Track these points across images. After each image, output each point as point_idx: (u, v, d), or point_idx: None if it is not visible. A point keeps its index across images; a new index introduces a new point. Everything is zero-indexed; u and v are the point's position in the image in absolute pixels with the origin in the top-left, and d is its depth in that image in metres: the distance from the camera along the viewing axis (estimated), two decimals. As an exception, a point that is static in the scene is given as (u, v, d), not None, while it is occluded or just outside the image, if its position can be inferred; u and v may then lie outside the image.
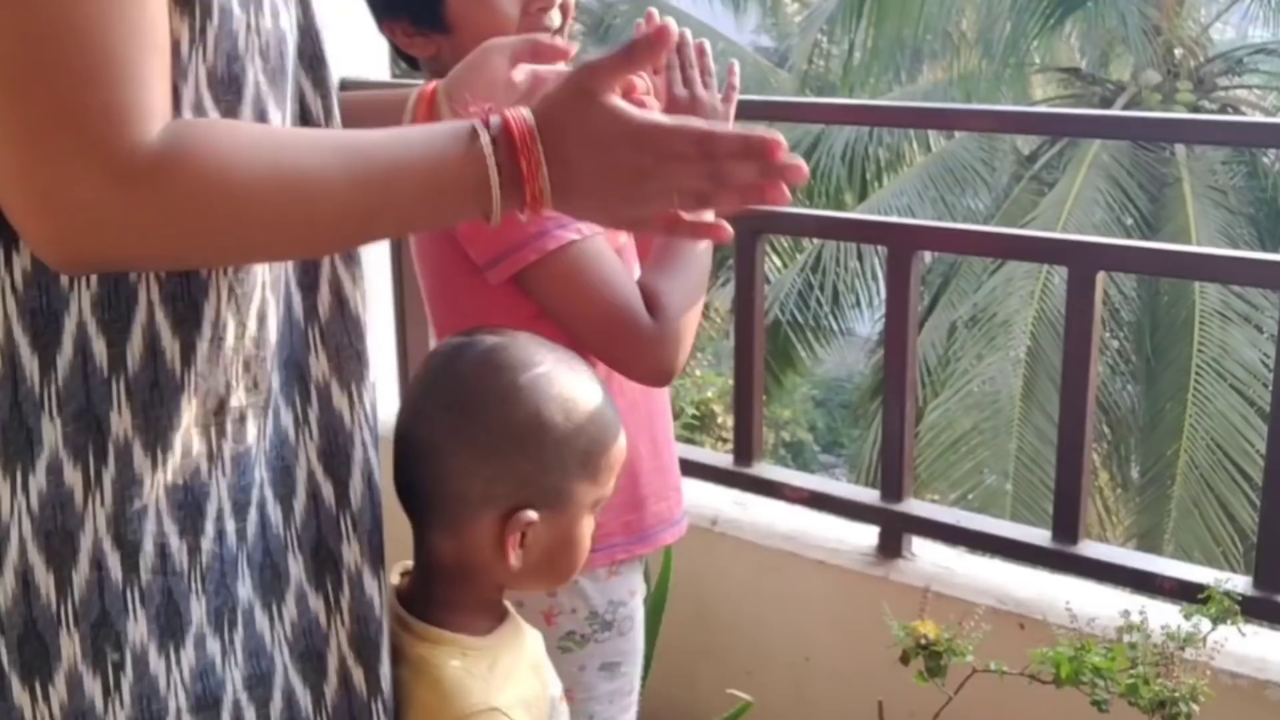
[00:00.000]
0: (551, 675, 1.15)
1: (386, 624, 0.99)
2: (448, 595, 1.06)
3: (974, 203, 9.60)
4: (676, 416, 9.73)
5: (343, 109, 1.00)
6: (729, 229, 0.93)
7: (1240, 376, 7.77)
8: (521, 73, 1.15)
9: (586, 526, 1.08)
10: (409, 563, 1.10)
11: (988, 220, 9.19)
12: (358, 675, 0.97)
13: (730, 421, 3.61)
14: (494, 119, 0.86)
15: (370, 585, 0.97)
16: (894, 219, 5.98)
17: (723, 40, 11.08)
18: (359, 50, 2.66)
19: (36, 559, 0.82)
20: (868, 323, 9.99)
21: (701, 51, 1.49)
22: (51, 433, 0.82)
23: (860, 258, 9.39)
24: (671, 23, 1.02)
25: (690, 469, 2.51)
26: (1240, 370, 7.77)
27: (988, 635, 1.70)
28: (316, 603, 0.95)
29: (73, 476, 0.83)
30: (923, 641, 1.68)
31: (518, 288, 1.38)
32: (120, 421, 0.83)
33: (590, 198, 0.88)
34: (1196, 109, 9.50)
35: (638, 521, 1.52)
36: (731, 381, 2.49)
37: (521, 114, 0.86)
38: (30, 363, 0.81)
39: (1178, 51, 10.00)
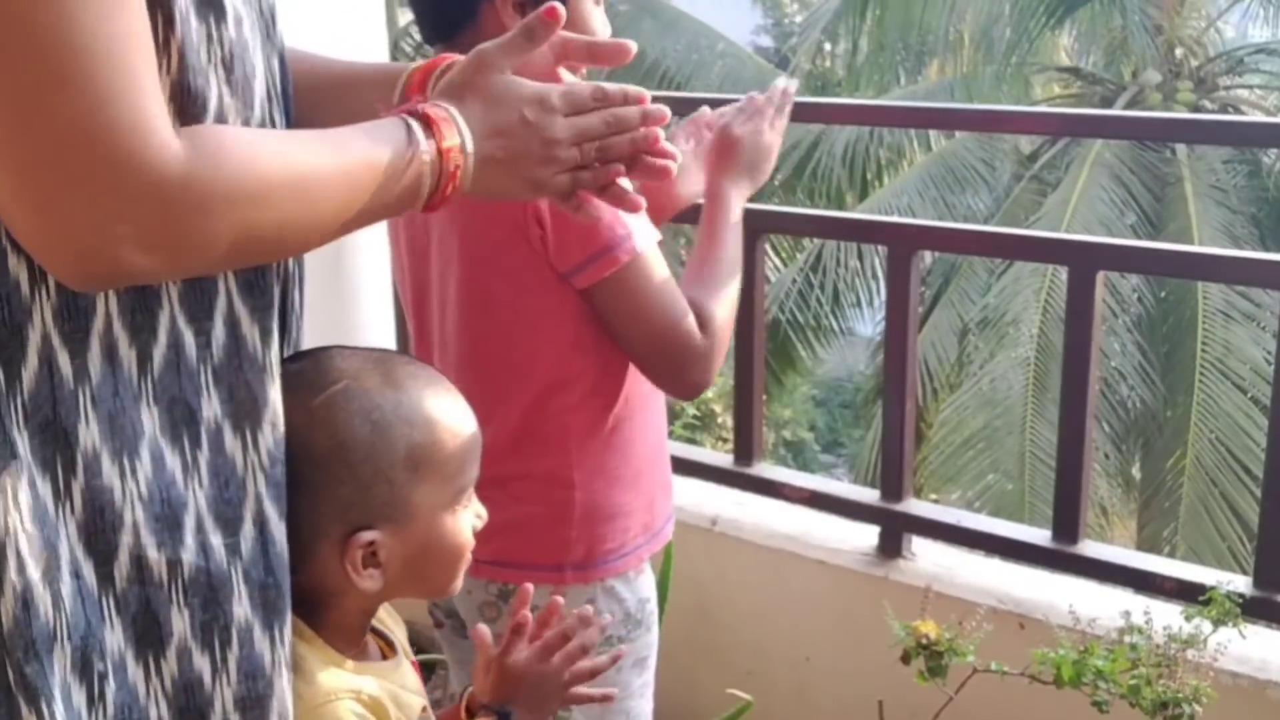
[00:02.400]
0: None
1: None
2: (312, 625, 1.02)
3: (975, 202, 9.60)
4: (677, 416, 9.73)
5: (318, 77, 1.03)
6: (639, 199, 1.02)
7: (1244, 375, 7.76)
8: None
9: (451, 524, 1.03)
10: None
11: (989, 220, 9.18)
12: None
13: (730, 421, 3.60)
14: (418, 126, 0.89)
15: (262, 641, 0.93)
16: (894, 219, 5.97)
17: (723, 41, 11.08)
18: (358, 42, 2.65)
19: (149, 541, 0.85)
20: (868, 322, 9.99)
21: (785, 97, 1.60)
22: (150, 420, 0.84)
23: (860, 257, 9.39)
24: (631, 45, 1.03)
25: (690, 469, 2.51)
26: (1244, 369, 7.77)
27: (988, 635, 1.70)
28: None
29: (173, 461, 0.86)
30: (924, 641, 1.67)
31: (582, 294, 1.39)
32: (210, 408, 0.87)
33: (505, 166, 0.93)
34: (1197, 108, 9.50)
35: (652, 521, 1.55)
36: (731, 381, 2.48)
37: (443, 108, 0.91)
38: (65, 360, 0.82)
39: (1179, 51, 10.00)
